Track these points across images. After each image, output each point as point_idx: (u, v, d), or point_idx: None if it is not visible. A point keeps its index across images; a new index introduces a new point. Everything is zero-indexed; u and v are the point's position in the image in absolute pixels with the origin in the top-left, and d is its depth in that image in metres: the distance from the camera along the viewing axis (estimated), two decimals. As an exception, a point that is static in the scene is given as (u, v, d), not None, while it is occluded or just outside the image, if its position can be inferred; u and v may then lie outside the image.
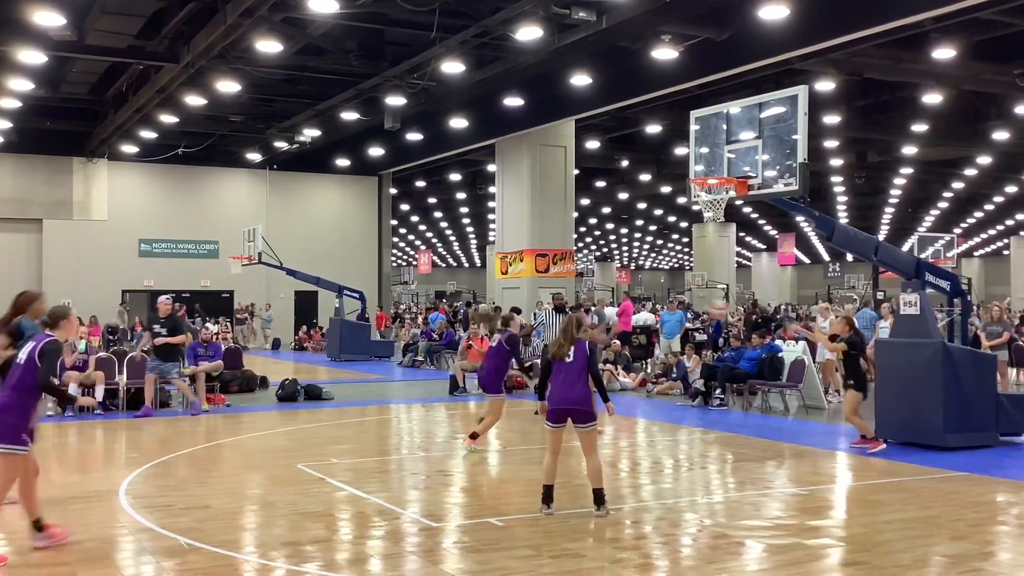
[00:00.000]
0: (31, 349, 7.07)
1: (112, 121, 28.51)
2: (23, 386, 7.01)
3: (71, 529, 7.38)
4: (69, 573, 6.43)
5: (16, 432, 6.93)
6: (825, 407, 16.10)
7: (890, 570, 6.56)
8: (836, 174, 38.54)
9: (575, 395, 8.08)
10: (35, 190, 33.32)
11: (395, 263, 69.13)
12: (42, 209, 33.43)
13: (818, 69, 22.33)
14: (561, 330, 8.47)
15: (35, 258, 33.49)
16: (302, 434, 13.43)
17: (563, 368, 8.19)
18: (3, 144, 31.89)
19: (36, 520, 7.11)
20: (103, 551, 7.05)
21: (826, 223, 12.54)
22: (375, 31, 21.05)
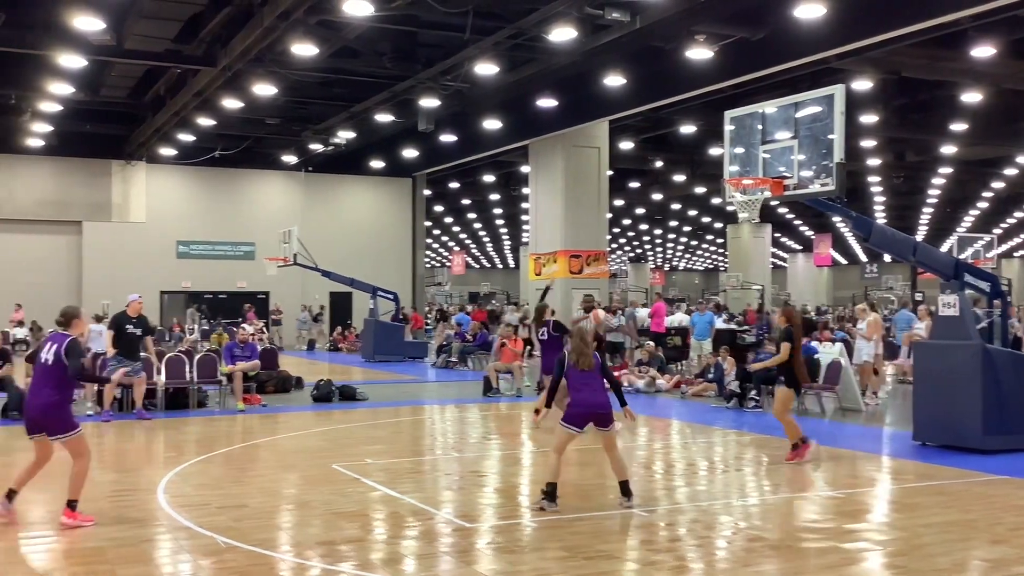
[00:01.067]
0: (55, 349, 7.88)
1: (150, 124, 28.87)
2: (55, 381, 7.85)
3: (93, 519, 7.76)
4: (108, 571, 6.51)
5: (68, 421, 7.91)
6: (862, 409, 15.94)
7: (928, 574, 6.49)
8: (873, 174, 38.15)
9: (600, 400, 8.46)
10: (75, 192, 33.82)
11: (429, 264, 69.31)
12: (82, 211, 33.93)
13: (855, 68, 22.12)
14: (580, 341, 8.72)
15: (75, 259, 34.00)
16: (337, 434, 13.51)
17: (582, 376, 8.52)
18: (44, 147, 32.39)
19: (12, 491, 7.92)
20: (142, 549, 7.14)
21: (863, 223, 12.41)
22: (409, 33, 21.15)
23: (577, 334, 8.96)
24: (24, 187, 33.29)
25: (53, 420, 7.81)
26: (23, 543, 7.31)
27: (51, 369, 7.85)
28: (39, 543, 7.38)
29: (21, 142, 31.75)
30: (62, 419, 7.85)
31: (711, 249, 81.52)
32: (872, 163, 34.65)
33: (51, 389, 7.84)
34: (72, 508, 7.77)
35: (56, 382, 7.86)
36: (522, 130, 28.46)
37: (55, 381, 7.86)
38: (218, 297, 35.58)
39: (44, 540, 7.45)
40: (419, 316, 35.60)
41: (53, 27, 19.90)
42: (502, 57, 21.33)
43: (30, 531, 7.67)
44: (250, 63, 21.40)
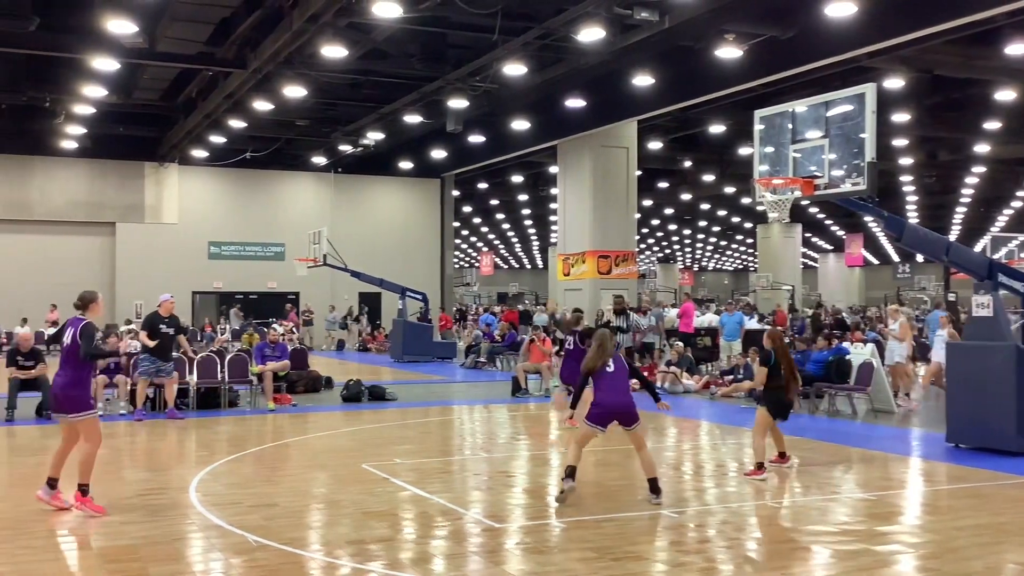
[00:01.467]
0: (72, 332, 8.40)
1: (182, 126, 29.14)
2: (74, 362, 8.33)
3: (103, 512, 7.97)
4: (140, 568, 6.58)
5: (84, 401, 8.36)
6: (895, 411, 15.79)
7: (962, 578, 6.42)
8: (906, 173, 37.79)
9: (624, 400, 8.76)
10: (108, 194, 34.21)
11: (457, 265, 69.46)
12: (115, 213, 34.31)
13: (886, 66, 21.92)
14: (599, 345, 8.96)
15: (108, 260, 34.39)
16: (366, 434, 13.57)
17: (606, 377, 8.83)
18: (78, 149, 32.80)
19: (52, 479, 8.28)
20: (174, 548, 7.21)
21: (895, 223, 12.30)
22: (438, 35, 21.20)
23: (599, 337, 9.15)
24: (59, 189, 33.73)
25: (70, 399, 8.27)
26: (58, 541, 7.41)
27: (70, 352, 8.37)
28: (72, 541, 7.47)
29: (56, 144, 32.18)
30: (78, 399, 8.29)
31: (741, 249, 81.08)
32: (904, 162, 34.33)
33: (70, 370, 8.32)
34: (84, 493, 8.15)
35: (74, 364, 8.34)
36: (550, 130, 28.45)
37: (73, 363, 8.34)
38: (249, 297, 35.86)
39: (77, 538, 7.54)
40: (448, 317, 35.70)
41: (86, 30, 20.14)
42: (530, 57, 21.34)
43: (63, 528, 7.77)
44: (280, 65, 21.56)
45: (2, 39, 20.37)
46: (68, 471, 8.26)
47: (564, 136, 28.47)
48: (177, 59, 22.90)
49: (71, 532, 7.69)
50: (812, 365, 16.10)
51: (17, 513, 8.24)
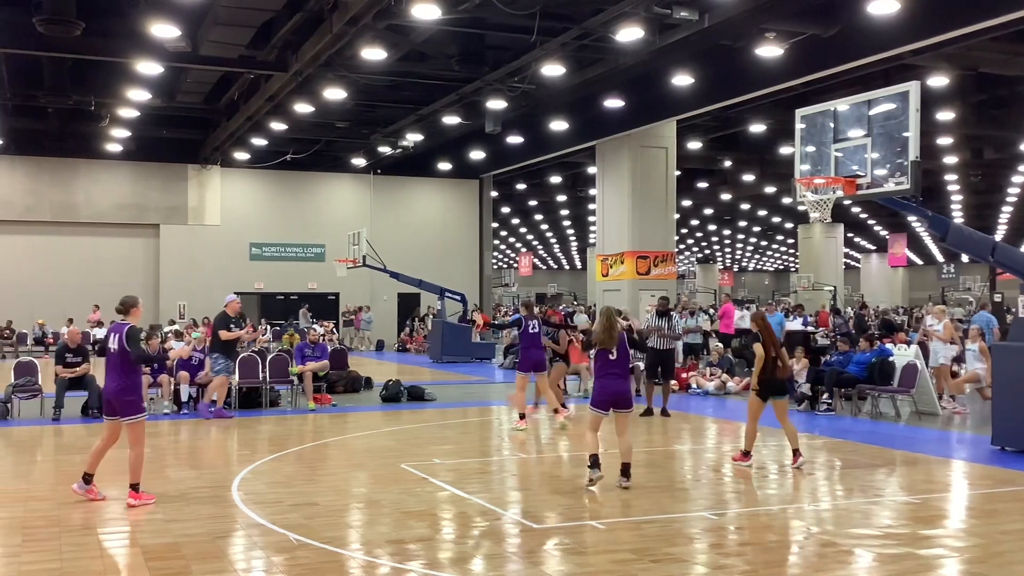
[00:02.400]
0: (117, 337, 8.62)
1: (224, 129, 29.47)
2: (125, 368, 8.59)
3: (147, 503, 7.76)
4: (183, 567, 6.66)
5: (137, 405, 8.71)
6: (939, 413, 15.56)
7: (1008, 583, 6.32)
8: (950, 172, 37.25)
9: (622, 388, 9.49)
10: (152, 196, 34.69)
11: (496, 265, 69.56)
12: (159, 215, 34.79)
13: (930, 64, 21.63)
14: (607, 325, 9.52)
15: (152, 262, 34.87)
16: (405, 434, 13.63)
17: (607, 363, 9.48)
18: (122, 152, 33.30)
19: (88, 475, 8.70)
20: (216, 545, 7.29)
21: (940, 223, 12.13)
22: (476, 36, 21.25)
23: (605, 314, 9.68)
24: (103, 191, 34.25)
25: (124, 403, 8.56)
26: (102, 538, 7.52)
27: (116, 357, 8.60)
28: (117, 539, 7.58)
29: (101, 147, 32.69)
30: (132, 403, 8.61)
31: (781, 250, 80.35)
32: (949, 161, 33.83)
33: (121, 375, 8.58)
34: (136, 490, 8.54)
35: (123, 368, 8.58)
36: (589, 131, 28.41)
37: (122, 367, 8.58)
38: (290, 298, 36.18)
39: (121, 535, 7.65)
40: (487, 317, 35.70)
41: (131, 35, 20.45)
42: (569, 58, 21.33)
43: (107, 527, 7.89)
44: (321, 68, 21.73)
45: (49, 44, 20.73)
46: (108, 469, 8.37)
47: (603, 136, 28.41)
48: (219, 62, 23.15)
49: (116, 530, 7.81)
50: (855, 367, 15.92)
51: (63, 511, 8.38)
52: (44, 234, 33.74)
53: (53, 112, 28.95)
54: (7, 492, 9.32)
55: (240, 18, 20.39)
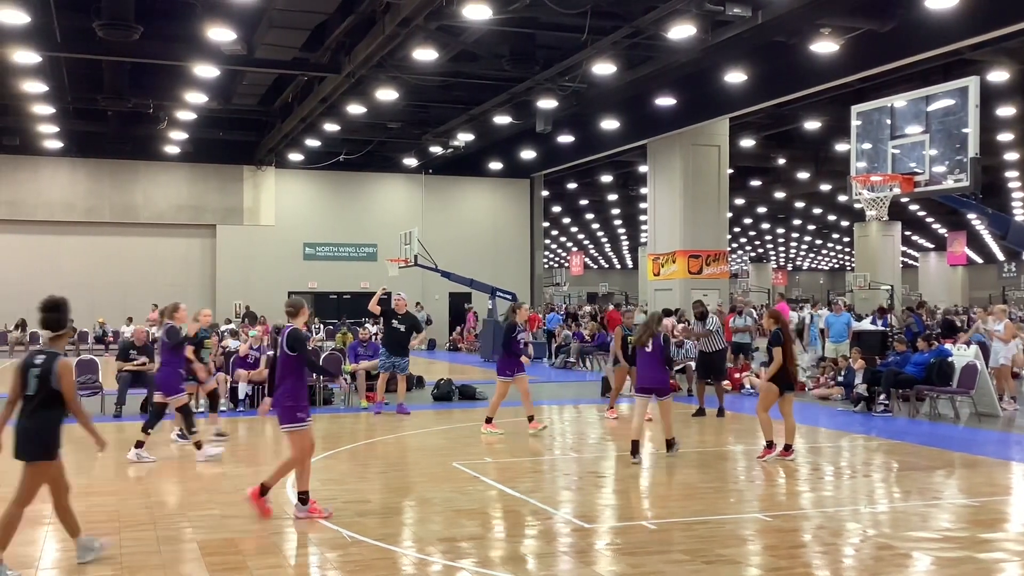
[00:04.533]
0: (282, 341, 8.12)
1: (279, 130, 29.86)
2: (284, 372, 8.09)
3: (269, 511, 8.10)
4: (240, 562, 6.76)
5: (291, 413, 8.10)
6: (999, 415, 15.23)
7: (1072, 589, 6.16)
8: (1011, 169, 36.47)
9: (656, 376, 11.13)
10: (209, 197, 35.26)
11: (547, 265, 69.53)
12: (215, 215, 35.34)
13: (990, 59, 21.19)
14: (646, 325, 11.32)
15: (209, 261, 35.45)
16: (456, 433, 13.69)
17: (644, 355, 11.16)
18: (180, 154, 33.89)
19: (265, 486, 8.12)
20: (272, 542, 7.39)
21: (1000, 221, 11.90)
22: (527, 35, 21.27)
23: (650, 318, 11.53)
24: (162, 193, 34.89)
25: (282, 410, 8.05)
26: (160, 533, 7.65)
27: (281, 361, 8.15)
28: (174, 533, 7.72)
29: (159, 149, 33.31)
30: (288, 410, 8.04)
31: (836, 248, 79.24)
32: (1010, 158, 33.12)
33: (281, 380, 8.08)
34: (303, 502, 8.04)
35: (283, 373, 8.08)
36: (640, 129, 28.27)
37: (282, 372, 8.08)
38: (343, 297, 36.50)
39: (178, 530, 7.79)
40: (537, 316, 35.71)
41: (189, 39, 20.81)
42: (620, 56, 21.25)
43: (164, 522, 8.03)
44: (373, 69, 21.91)
45: (108, 48, 21.17)
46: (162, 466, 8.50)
47: (654, 135, 28.26)
48: (274, 65, 23.47)
49: (173, 525, 7.95)
50: (912, 367, 15.64)
51: (123, 507, 8.56)
52: (104, 235, 34.46)
53: (112, 115, 29.57)
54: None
55: (294, 21, 20.68)
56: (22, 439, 6.39)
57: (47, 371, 6.35)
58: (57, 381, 6.34)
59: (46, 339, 6.68)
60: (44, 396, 6.36)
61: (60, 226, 33.96)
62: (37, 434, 6.38)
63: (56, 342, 6.60)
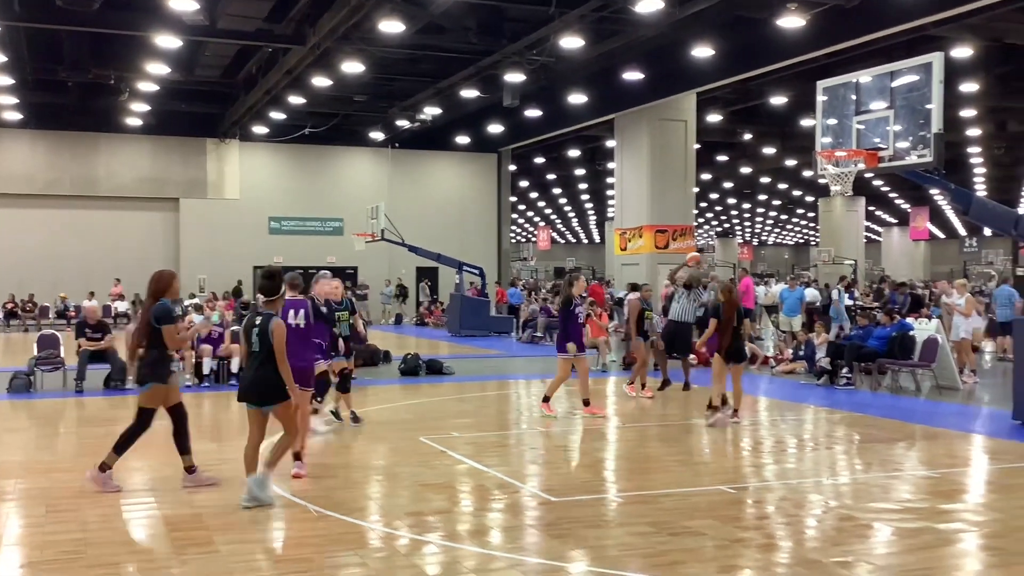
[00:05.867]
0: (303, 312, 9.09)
1: (243, 103, 29.50)
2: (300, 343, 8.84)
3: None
4: (205, 538, 6.73)
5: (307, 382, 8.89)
6: (960, 388, 15.49)
7: (1028, 558, 6.30)
8: (974, 144, 36.89)
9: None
10: (171, 170, 34.83)
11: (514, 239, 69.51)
12: (178, 188, 34.93)
13: (954, 35, 21.35)
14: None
15: (172, 235, 35.06)
16: (424, 408, 13.69)
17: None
18: (142, 126, 33.41)
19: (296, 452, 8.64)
20: (237, 517, 7.36)
21: (962, 196, 12.03)
22: (494, 8, 21.13)
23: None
24: (124, 165, 34.41)
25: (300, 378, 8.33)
26: (124, 509, 7.60)
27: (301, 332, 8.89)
28: (139, 510, 7.67)
29: (120, 121, 32.81)
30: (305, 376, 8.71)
31: (801, 223, 79.87)
32: (972, 133, 33.49)
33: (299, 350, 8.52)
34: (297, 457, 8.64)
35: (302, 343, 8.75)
36: (608, 104, 28.24)
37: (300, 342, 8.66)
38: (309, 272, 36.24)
39: (143, 506, 7.74)
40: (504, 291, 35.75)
41: (150, 8, 20.45)
42: (588, 30, 21.17)
43: (129, 498, 7.97)
44: (338, 41, 21.67)
45: (68, 17, 20.77)
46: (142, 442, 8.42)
47: (621, 110, 28.25)
48: (237, 36, 23.15)
49: (138, 501, 7.89)
50: (874, 341, 15.84)
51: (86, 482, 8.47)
52: (65, 208, 33.97)
53: (73, 86, 29.06)
54: (31, 464, 9.43)
55: (258, -9, 20.39)
56: (258, 388, 7.61)
57: (265, 330, 7.48)
58: (271, 337, 7.44)
59: (263, 303, 7.79)
60: (268, 351, 7.48)
61: (20, 199, 33.42)
62: (269, 381, 7.54)
63: (271, 305, 7.75)
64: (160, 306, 8.06)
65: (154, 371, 8.00)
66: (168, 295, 8.35)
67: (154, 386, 8.07)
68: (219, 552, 6.37)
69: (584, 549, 6.49)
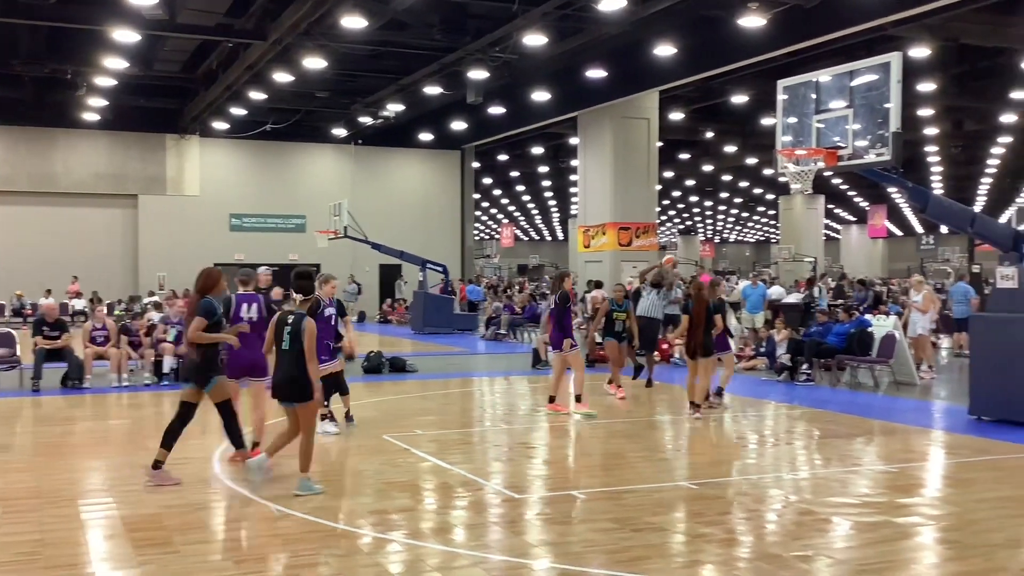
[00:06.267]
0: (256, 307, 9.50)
1: (203, 98, 29.19)
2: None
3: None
4: (165, 537, 6.66)
5: None
6: (917, 383, 15.72)
7: (982, 549, 6.40)
8: (931, 143, 37.39)
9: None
10: (130, 166, 34.37)
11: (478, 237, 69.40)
12: (137, 185, 34.47)
13: (912, 35, 21.63)
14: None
15: (131, 232, 34.61)
16: (387, 405, 13.64)
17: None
18: (100, 122, 32.91)
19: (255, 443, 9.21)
20: (198, 516, 7.29)
21: (920, 194, 12.18)
22: (457, 5, 21.09)
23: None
24: (81, 161, 33.90)
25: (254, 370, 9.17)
26: (83, 509, 7.50)
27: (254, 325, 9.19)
28: (97, 510, 7.57)
29: (78, 117, 32.30)
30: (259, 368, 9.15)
31: (762, 221, 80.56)
32: (929, 132, 33.95)
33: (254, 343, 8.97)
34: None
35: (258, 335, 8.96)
36: (571, 101, 28.29)
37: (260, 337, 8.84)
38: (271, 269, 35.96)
39: (101, 506, 7.64)
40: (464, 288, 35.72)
41: (107, 2, 20.16)
42: (551, 28, 21.18)
43: (87, 498, 7.87)
44: (300, 36, 21.50)
45: (24, 11, 20.44)
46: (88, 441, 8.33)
47: (585, 107, 28.31)
48: (197, 31, 22.89)
49: (96, 501, 7.79)
50: (834, 337, 16.02)
51: (43, 482, 8.35)
52: (21, 204, 33.37)
53: (29, 81, 28.57)
54: (-14, 464, 9.27)
55: (218, -15, 20.18)
56: (288, 386, 7.81)
57: (298, 329, 7.68)
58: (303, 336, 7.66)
59: (297, 302, 8.15)
60: (299, 349, 7.67)
61: (-25, 195, 32.83)
62: (298, 380, 7.74)
63: (304, 305, 8.09)
64: (206, 303, 8.34)
65: (212, 366, 8.31)
66: (214, 293, 8.58)
67: (219, 380, 8.42)
68: (179, 552, 6.31)
69: (547, 546, 6.51)
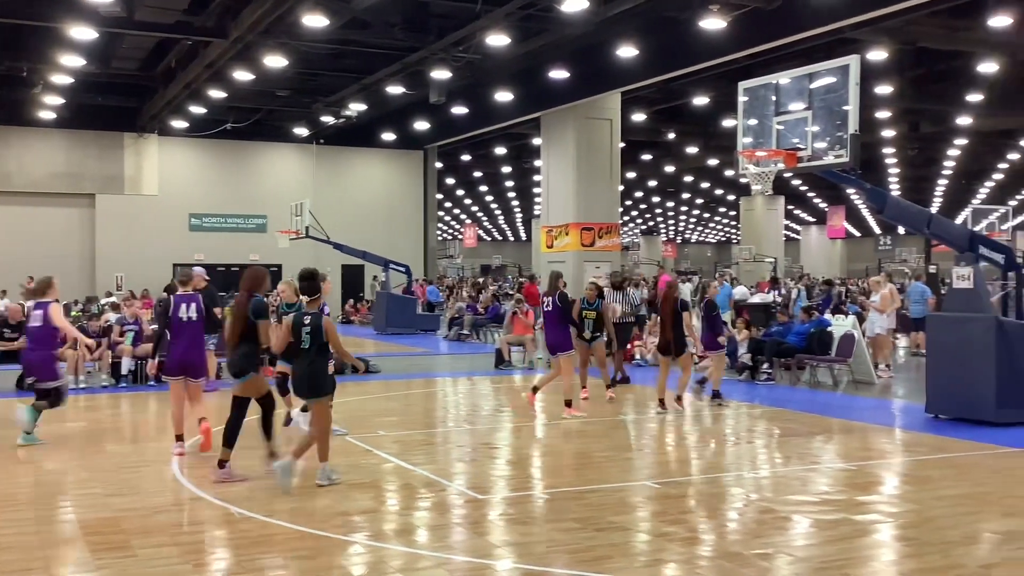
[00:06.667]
0: (195, 307, 9.49)
1: (162, 96, 28.83)
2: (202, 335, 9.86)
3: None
4: (123, 541, 6.57)
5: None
6: (875, 382, 15.91)
7: (939, 546, 6.49)
8: (888, 145, 37.88)
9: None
10: (87, 165, 33.85)
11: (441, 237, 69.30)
12: (94, 184, 33.97)
13: (871, 38, 21.89)
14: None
15: (88, 232, 34.10)
16: (350, 406, 13.55)
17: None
18: (56, 120, 32.38)
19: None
20: (156, 520, 7.19)
21: (878, 195, 12.34)
22: (420, 4, 21.02)
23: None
24: (37, 160, 33.33)
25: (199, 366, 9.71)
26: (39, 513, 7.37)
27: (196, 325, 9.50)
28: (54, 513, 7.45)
29: (33, 114, 31.75)
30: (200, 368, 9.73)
31: (724, 222, 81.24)
32: (887, 134, 34.39)
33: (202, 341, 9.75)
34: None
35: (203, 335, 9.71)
36: (534, 102, 28.31)
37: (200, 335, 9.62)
38: (231, 270, 35.64)
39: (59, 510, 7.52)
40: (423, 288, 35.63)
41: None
42: (514, 28, 21.18)
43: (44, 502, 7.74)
44: (261, 35, 21.32)
45: (-23, 7, 20.06)
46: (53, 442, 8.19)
47: (547, 108, 28.34)
48: (155, 28, 22.60)
49: (53, 505, 7.66)
50: (794, 337, 16.19)
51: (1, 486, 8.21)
52: (-25, 204, 32.78)
53: (-17, 78, 28.08)
54: (-62, 468, 9.09)
55: (177, -18, 19.95)
56: (309, 383, 8.08)
57: (317, 327, 7.94)
58: (325, 335, 7.96)
59: (306, 303, 8.23)
60: (318, 347, 7.97)
61: (-74, 194, 32.17)
62: (317, 378, 8.05)
63: (313, 304, 8.16)
64: (257, 301, 8.50)
65: (251, 362, 8.49)
66: (260, 291, 8.69)
67: (252, 376, 8.53)
68: (136, 556, 6.22)
69: (511, 546, 6.50)
